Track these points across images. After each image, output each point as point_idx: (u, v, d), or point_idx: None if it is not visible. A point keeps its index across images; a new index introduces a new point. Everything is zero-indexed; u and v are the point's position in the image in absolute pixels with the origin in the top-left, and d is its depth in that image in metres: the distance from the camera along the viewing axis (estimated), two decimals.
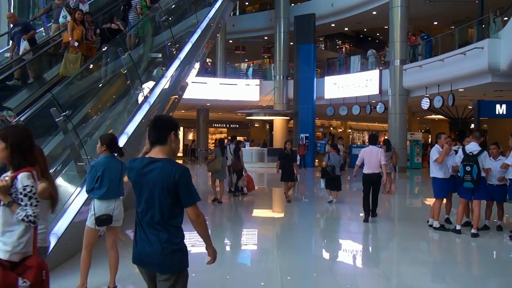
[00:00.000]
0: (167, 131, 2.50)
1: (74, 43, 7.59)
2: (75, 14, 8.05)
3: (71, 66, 7.41)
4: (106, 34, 8.64)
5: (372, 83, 19.60)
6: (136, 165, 2.52)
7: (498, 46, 12.92)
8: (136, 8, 9.79)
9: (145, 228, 2.44)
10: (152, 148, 2.51)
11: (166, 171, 2.39)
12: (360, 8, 21.90)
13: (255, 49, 29.56)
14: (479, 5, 14.28)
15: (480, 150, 6.58)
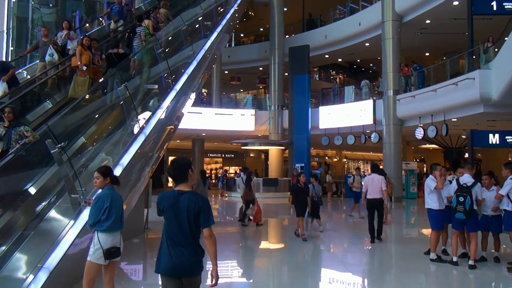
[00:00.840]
0: (187, 170, 3.26)
1: (82, 67, 8.12)
2: (83, 40, 8.61)
3: (79, 88, 7.97)
4: (113, 59, 9.19)
5: (366, 113, 19.80)
6: (169, 196, 3.23)
7: (489, 77, 13.15)
8: (140, 35, 10.30)
9: (176, 244, 3.15)
10: (178, 184, 3.25)
11: (193, 200, 3.17)
12: (353, 40, 22.35)
13: (250, 79, 29.90)
14: (469, 37, 14.61)
15: (474, 181, 6.60)
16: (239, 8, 19.36)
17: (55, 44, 9.17)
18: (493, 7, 14.07)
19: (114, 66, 8.54)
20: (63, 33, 9.78)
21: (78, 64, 8.17)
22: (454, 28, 17.76)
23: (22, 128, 5.89)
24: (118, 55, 9.38)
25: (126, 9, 12.79)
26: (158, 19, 11.80)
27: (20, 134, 5.81)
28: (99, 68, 8.76)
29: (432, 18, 17.98)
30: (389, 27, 18.70)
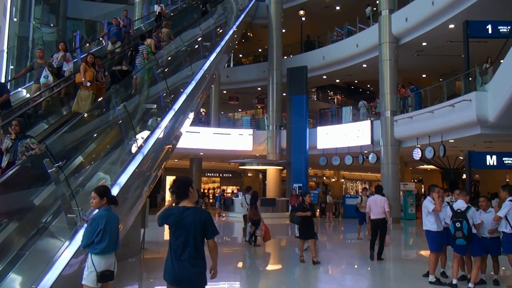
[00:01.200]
0: (187, 188, 3.61)
1: (86, 83, 8.38)
2: (87, 57, 8.86)
3: (83, 103, 8.26)
4: (117, 75, 9.71)
5: (364, 133, 19.87)
6: (174, 212, 3.54)
7: (485, 99, 13.26)
8: (142, 54, 10.60)
9: (182, 257, 3.43)
10: (181, 201, 3.58)
11: (197, 214, 3.52)
12: (351, 61, 22.59)
13: (249, 99, 30.06)
14: (465, 60, 14.77)
15: (467, 206, 6.59)
16: (238, 29, 19.62)
17: (50, 66, 9.15)
18: (488, 31, 14.28)
19: (117, 83, 9.12)
20: (59, 55, 9.71)
21: (82, 80, 8.44)
22: (450, 50, 17.99)
23: (28, 140, 6.03)
24: (121, 72, 9.84)
25: (124, 31, 13.03)
26: (160, 38, 12.13)
27: (26, 146, 5.94)
28: (102, 85, 9.01)
29: (428, 41, 18.23)
30: (386, 49, 18.93)
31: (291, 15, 25.71)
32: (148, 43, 10.90)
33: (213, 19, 16.62)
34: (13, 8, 18.62)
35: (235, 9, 21.24)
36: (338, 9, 25.79)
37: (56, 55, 9.79)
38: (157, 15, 16.41)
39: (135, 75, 9.56)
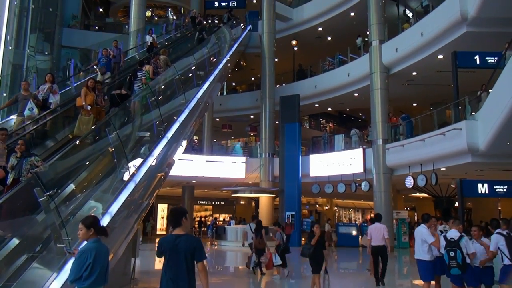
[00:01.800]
0: (181, 217, 4.01)
1: (87, 107, 8.61)
2: (88, 82, 9.14)
3: (84, 127, 8.47)
4: (116, 99, 10.05)
5: (356, 161, 19.95)
6: (168, 240, 3.94)
7: (475, 128, 13.41)
8: (141, 79, 10.96)
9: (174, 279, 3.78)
10: (175, 229, 3.97)
11: (189, 241, 3.92)
12: (342, 90, 22.89)
13: (242, 127, 30.19)
14: (454, 90, 15.02)
15: (460, 235, 6.60)
16: (232, 58, 19.88)
17: (35, 98, 8.97)
18: (476, 61, 14.59)
19: (117, 106, 9.55)
20: (45, 87, 9.50)
21: (83, 104, 8.65)
22: (440, 80, 18.31)
23: (33, 158, 6.31)
24: (120, 96, 10.19)
25: (114, 62, 13.06)
26: (158, 65, 12.56)
27: (31, 164, 6.22)
28: (101, 108, 9.26)
29: (418, 70, 18.58)
30: (377, 79, 19.23)
31: (284, 44, 26.18)
32: (147, 69, 11.34)
33: (207, 48, 16.86)
34: (7, 37, 18.80)
35: (229, 39, 21.59)
36: (330, 39, 26.36)
37: (42, 86, 9.61)
38: (149, 45, 16.61)
39: (133, 99, 9.82)
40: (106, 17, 33.18)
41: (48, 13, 21.28)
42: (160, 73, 12.02)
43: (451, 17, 14.86)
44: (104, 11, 33.71)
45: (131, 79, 11.24)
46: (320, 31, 25.57)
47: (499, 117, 11.79)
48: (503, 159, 13.97)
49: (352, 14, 23.14)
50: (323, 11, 24.13)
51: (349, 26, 23.83)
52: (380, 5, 19.65)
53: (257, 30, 25.47)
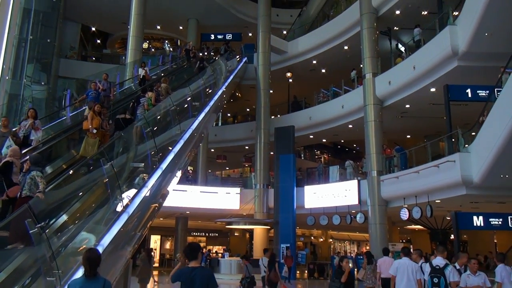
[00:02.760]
0: (197, 252, 4.66)
1: (93, 130, 9.21)
2: (94, 107, 9.72)
3: (89, 149, 9.01)
4: (120, 123, 10.76)
5: (351, 193, 19.89)
6: (185, 272, 4.53)
7: (469, 160, 13.49)
8: (143, 105, 11.65)
9: None
10: (191, 261, 4.59)
11: (203, 273, 4.53)
12: (337, 122, 23.06)
13: (236, 158, 30.19)
14: (447, 122, 15.18)
15: (445, 263, 6.60)
16: (227, 89, 20.09)
17: (14, 136, 8.61)
18: (468, 94, 14.80)
19: (121, 130, 10.18)
20: (27, 123, 9.07)
21: (89, 127, 9.22)
22: (433, 112, 18.50)
23: (34, 173, 6.35)
24: (125, 120, 10.91)
25: (104, 95, 12.94)
26: (159, 93, 13.02)
27: (32, 178, 6.29)
28: (106, 132, 9.80)
29: (412, 103, 18.80)
30: (371, 111, 19.42)
31: (279, 76, 26.55)
32: (149, 96, 12.06)
33: (203, 79, 17.05)
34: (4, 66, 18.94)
35: (224, 71, 21.87)
36: (324, 72, 26.77)
37: (24, 122, 9.20)
38: (141, 78, 16.53)
39: (136, 124, 10.22)
40: (103, 48, 33.67)
41: (46, 44, 21.54)
42: (161, 100, 12.55)
43: (442, 51, 15.19)
44: (102, 43, 34.22)
45: (133, 105, 11.90)
46: (315, 63, 25.99)
47: (492, 150, 11.89)
48: (498, 192, 14.00)
49: (346, 48, 23.60)
50: (317, 44, 24.60)
51: (343, 59, 24.26)
52: (373, 39, 20.09)
53: (253, 62, 25.87)
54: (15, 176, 6.73)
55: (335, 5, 25.90)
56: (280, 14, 30.23)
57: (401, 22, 20.56)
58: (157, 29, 31.17)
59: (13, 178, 6.67)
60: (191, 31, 28.58)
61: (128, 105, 12.33)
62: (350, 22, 22.17)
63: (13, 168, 6.72)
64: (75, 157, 9.72)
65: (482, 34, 13.50)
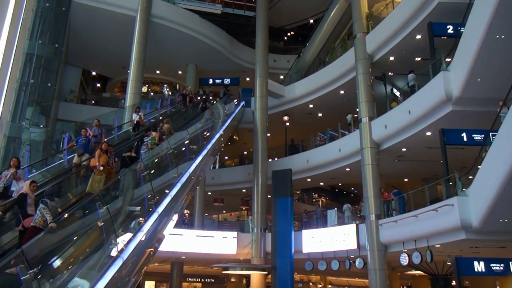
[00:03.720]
0: None
1: (100, 167, 9.61)
2: (102, 145, 10.28)
3: (96, 185, 9.36)
4: (126, 161, 11.37)
5: (350, 237, 19.62)
6: None
7: (467, 204, 13.42)
8: (147, 144, 12.10)
9: None
10: None
11: None
12: (334, 165, 23.09)
13: (234, 201, 29.97)
14: (444, 166, 15.25)
15: None
16: (225, 133, 20.23)
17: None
18: (464, 138, 14.96)
19: (126, 167, 10.70)
20: (8, 172, 8.66)
21: (96, 165, 9.61)
22: (429, 156, 18.62)
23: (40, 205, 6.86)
24: (130, 158, 11.52)
25: (95, 142, 12.60)
26: (163, 132, 13.61)
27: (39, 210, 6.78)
28: (112, 169, 10.18)
29: (408, 147, 18.93)
30: (367, 154, 19.53)
31: (276, 120, 26.82)
32: (153, 136, 12.59)
33: (201, 123, 17.21)
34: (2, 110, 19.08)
35: (222, 114, 22.12)
36: (321, 116, 27.10)
37: (5, 172, 8.76)
38: (135, 123, 16.38)
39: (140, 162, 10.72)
40: (103, 92, 34.17)
41: (47, 88, 21.83)
42: (164, 140, 13.03)
43: (436, 96, 15.46)
44: (102, 86, 34.76)
45: (138, 144, 12.41)
46: (311, 107, 26.35)
47: (490, 194, 11.89)
48: (498, 236, 13.86)
49: (342, 92, 24.01)
50: (314, 89, 25.02)
51: (339, 103, 24.62)
52: (368, 84, 20.50)
53: (250, 106, 26.21)
54: (30, 207, 7.24)
55: (330, 52, 26.57)
56: (277, 60, 30.97)
57: (395, 68, 21.06)
58: (156, 73, 31.76)
59: (28, 209, 7.19)
60: (190, 75, 29.13)
61: (133, 144, 12.88)
62: (345, 68, 22.68)
63: (27, 200, 7.26)
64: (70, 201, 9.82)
65: (474, 80, 13.81)
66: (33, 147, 19.53)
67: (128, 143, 13.59)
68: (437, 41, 16.60)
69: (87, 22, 24.32)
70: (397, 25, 18.76)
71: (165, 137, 13.46)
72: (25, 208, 7.19)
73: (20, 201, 7.28)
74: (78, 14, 23.46)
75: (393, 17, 19.24)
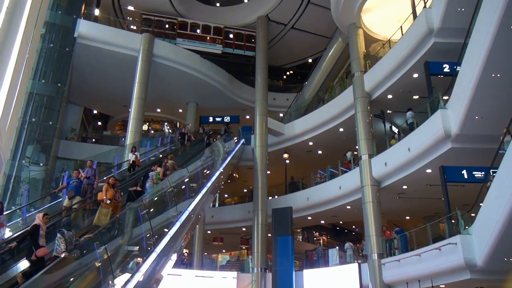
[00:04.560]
0: None
1: (107, 201, 9.96)
2: (109, 179, 10.66)
3: (103, 218, 9.75)
4: (132, 195, 11.66)
5: (352, 277, 19.20)
6: None
7: (471, 242, 13.22)
8: (152, 179, 12.51)
9: None
10: None
11: None
12: (335, 203, 22.90)
13: (233, 240, 29.54)
14: (446, 204, 15.12)
15: None
16: (224, 171, 20.19)
17: None
18: (464, 176, 14.93)
19: (132, 201, 11.07)
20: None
21: (103, 198, 9.98)
22: (430, 193, 18.51)
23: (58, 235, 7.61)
24: (136, 192, 11.78)
25: (87, 183, 12.26)
26: (167, 168, 14.13)
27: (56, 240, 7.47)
28: (118, 203, 10.53)
29: (409, 184, 18.84)
30: (368, 191, 19.42)
31: (276, 157, 26.85)
32: (158, 171, 13.06)
33: (200, 161, 17.20)
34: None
35: (222, 152, 22.15)
36: (320, 153, 27.14)
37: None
38: (131, 163, 16.04)
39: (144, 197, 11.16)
40: (104, 130, 34.38)
41: (48, 126, 21.98)
42: (168, 175, 13.41)
43: (435, 134, 15.53)
44: (102, 125, 35.03)
45: (143, 178, 12.76)
46: (311, 145, 26.43)
47: (493, 233, 11.74)
48: (503, 276, 13.51)
49: (341, 130, 24.14)
50: (313, 127, 25.18)
51: (338, 141, 24.73)
52: (367, 122, 20.66)
53: (250, 144, 26.30)
54: (42, 238, 7.70)
55: (329, 90, 26.94)
56: (276, 98, 31.34)
57: (393, 105, 21.29)
58: (157, 111, 32.06)
59: (40, 240, 7.65)
60: (190, 113, 29.39)
61: (139, 178, 13.28)
62: (344, 106, 22.91)
63: (40, 231, 7.74)
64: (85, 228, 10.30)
65: (472, 117, 13.92)
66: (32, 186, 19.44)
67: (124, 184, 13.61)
68: (434, 79, 16.90)
69: (89, 61, 24.80)
70: (394, 65, 19.12)
71: (169, 172, 13.88)
72: (38, 239, 7.62)
73: (33, 232, 7.72)
74: (81, 54, 23.95)
75: (389, 56, 19.63)
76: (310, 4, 28.28)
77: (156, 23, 28.23)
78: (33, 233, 7.69)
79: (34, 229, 7.73)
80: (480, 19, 12.75)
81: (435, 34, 16.86)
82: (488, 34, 11.91)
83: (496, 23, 11.53)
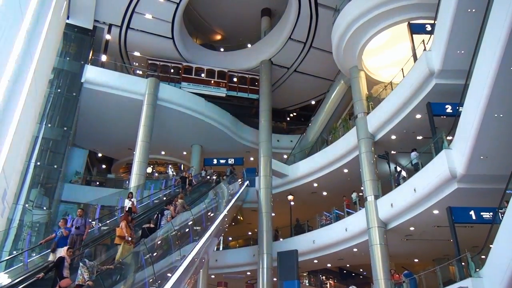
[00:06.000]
0: None
1: (128, 238, 10.74)
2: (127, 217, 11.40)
3: (125, 254, 10.32)
4: (146, 231, 12.30)
5: None
6: None
7: (482, 286, 12.82)
8: (167, 217, 12.99)
9: None
10: None
11: None
12: (341, 245, 22.45)
13: (238, 285, 28.81)
14: (455, 245, 14.78)
15: None
16: (229, 213, 20.00)
17: None
18: (472, 217, 14.66)
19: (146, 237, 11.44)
20: None
21: (125, 235, 10.73)
22: (438, 235, 18.13)
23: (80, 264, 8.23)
24: (149, 229, 12.42)
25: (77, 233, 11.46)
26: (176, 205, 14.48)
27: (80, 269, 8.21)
28: (132, 239, 11.09)
29: (415, 226, 18.51)
30: (375, 233, 19.06)
31: (280, 199, 26.63)
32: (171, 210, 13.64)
33: (204, 203, 17.05)
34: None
35: (226, 194, 21.99)
36: (325, 194, 26.91)
37: None
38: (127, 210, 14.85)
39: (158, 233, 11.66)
40: (108, 173, 34.41)
41: (53, 170, 22.03)
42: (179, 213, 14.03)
43: (440, 174, 15.41)
44: (107, 167, 35.10)
45: (158, 216, 13.27)
46: (316, 186, 26.27)
47: (505, 276, 11.43)
48: None
49: (346, 171, 24.05)
50: (318, 168, 25.12)
51: (343, 182, 24.57)
52: (372, 163, 20.59)
53: (254, 186, 26.17)
54: (66, 270, 8.28)
55: (333, 131, 27.08)
56: (280, 140, 31.48)
57: (397, 146, 21.29)
58: (162, 154, 32.20)
59: (64, 272, 8.25)
60: (195, 156, 29.48)
61: (153, 216, 13.92)
62: (348, 147, 22.94)
63: (65, 263, 8.35)
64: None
65: (477, 158, 13.86)
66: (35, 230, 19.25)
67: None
68: (437, 120, 16.96)
69: (95, 105, 25.19)
70: (396, 106, 19.28)
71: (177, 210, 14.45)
72: (62, 270, 8.25)
73: (58, 264, 8.39)
74: (87, 98, 24.37)
75: (392, 98, 19.82)
76: (312, 48, 28.96)
77: (161, 68, 28.86)
78: (58, 265, 8.37)
79: (60, 262, 8.43)
80: (480, 61, 12.93)
81: (436, 76, 17.09)
82: (489, 75, 12.04)
83: (496, 64, 11.69)
